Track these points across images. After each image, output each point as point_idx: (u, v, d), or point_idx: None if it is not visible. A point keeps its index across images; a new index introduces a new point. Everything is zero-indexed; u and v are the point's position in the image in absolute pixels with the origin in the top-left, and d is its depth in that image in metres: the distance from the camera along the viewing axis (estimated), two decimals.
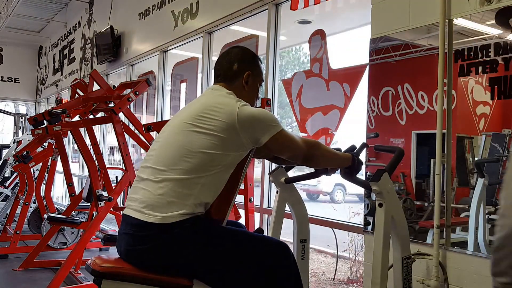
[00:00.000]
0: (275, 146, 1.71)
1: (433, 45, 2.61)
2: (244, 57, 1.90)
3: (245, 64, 1.87)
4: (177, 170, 1.58)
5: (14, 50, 11.86)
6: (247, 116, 1.65)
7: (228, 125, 1.62)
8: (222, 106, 1.67)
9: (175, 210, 1.55)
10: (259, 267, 1.63)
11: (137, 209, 1.60)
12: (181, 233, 1.54)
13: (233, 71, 1.85)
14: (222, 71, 1.88)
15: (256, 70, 1.91)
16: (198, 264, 1.57)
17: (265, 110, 1.78)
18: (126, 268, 1.59)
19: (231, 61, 1.87)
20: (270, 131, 1.68)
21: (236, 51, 1.92)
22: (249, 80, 1.87)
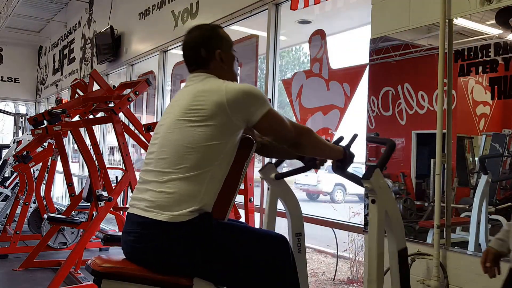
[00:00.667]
0: (265, 125, 1.65)
1: (433, 45, 2.61)
2: (206, 38, 1.80)
3: (211, 44, 1.78)
4: (181, 169, 1.57)
5: (14, 50, 11.86)
6: (235, 95, 1.61)
7: (218, 110, 1.59)
8: (207, 92, 1.63)
9: (185, 208, 1.54)
10: (260, 260, 1.64)
11: (144, 208, 1.58)
12: (189, 231, 1.54)
13: (203, 58, 1.78)
14: (192, 62, 1.80)
15: (223, 43, 1.83)
16: (203, 261, 1.57)
17: (252, 86, 1.71)
18: (126, 268, 1.59)
19: (196, 49, 1.78)
20: (261, 109, 1.63)
21: (194, 35, 1.81)
22: (223, 56, 1.80)
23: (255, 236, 1.69)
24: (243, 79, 4.66)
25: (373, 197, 1.74)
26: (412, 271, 2.53)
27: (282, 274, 1.65)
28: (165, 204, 1.55)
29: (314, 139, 1.77)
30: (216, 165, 1.60)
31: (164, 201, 1.55)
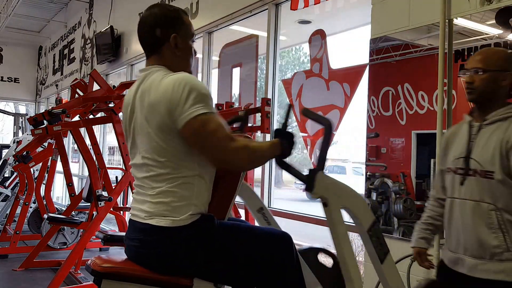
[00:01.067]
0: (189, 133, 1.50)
1: (433, 45, 2.61)
2: (165, 19, 1.65)
3: (167, 27, 1.64)
4: (166, 180, 1.56)
5: (14, 50, 11.86)
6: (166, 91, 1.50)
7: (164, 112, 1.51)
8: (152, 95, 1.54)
9: (185, 212, 1.54)
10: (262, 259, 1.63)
11: (144, 218, 1.58)
12: (192, 233, 1.54)
13: (157, 38, 1.64)
14: (145, 43, 1.68)
15: (182, 29, 1.67)
16: (205, 262, 1.57)
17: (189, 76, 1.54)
18: (126, 268, 1.59)
19: (151, 28, 1.65)
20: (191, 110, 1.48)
21: (154, 13, 1.67)
22: (178, 42, 1.65)
23: (257, 235, 1.69)
24: (243, 79, 4.67)
25: (324, 200, 1.64)
26: (412, 271, 2.53)
27: (285, 272, 1.65)
28: (165, 212, 1.55)
29: (247, 154, 1.55)
30: (194, 169, 1.56)
31: (163, 209, 1.55)
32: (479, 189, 1.72)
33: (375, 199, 2.89)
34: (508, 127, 1.70)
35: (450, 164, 1.86)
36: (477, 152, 1.75)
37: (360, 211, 1.73)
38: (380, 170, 2.89)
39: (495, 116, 1.75)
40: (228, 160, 1.53)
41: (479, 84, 1.75)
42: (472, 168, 1.75)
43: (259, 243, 1.66)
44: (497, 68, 1.75)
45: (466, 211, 1.76)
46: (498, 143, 1.69)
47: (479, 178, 1.72)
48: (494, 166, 1.69)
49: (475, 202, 1.73)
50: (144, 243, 1.57)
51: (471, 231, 1.74)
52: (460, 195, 1.79)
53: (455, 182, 1.82)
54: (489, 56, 1.78)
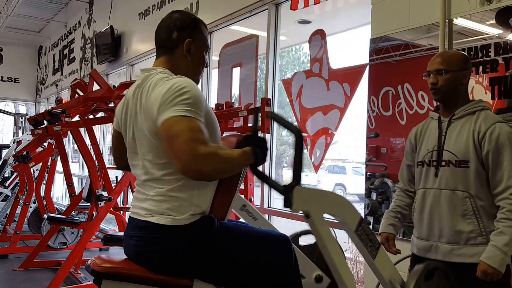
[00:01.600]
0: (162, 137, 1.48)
1: (433, 45, 2.61)
2: (184, 23, 1.69)
3: (186, 31, 1.68)
4: (167, 181, 1.56)
5: (14, 50, 11.86)
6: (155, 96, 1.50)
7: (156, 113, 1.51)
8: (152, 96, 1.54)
9: (186, 212, 1.54)
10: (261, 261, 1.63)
11: (145, 216, 1.58)
12: (192, 233, 1.54)
13: (172, 41, 1.67)
14: (161, 42, 1.71)
15: (198, 37, 1.71)
16: (204, 262, 1.57)
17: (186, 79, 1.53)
18: (126, 268, 1.59)
19: (170, 29, 1.68)
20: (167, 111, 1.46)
21: (175, 17, 1.71)
22: (191, 48, 1.68)
23: (256, 237, 1.69)
24: (243, 79, 4.67)
25: (305, 213, 1.58)
26: None
27: (283, 274, 1.65)
28: (166, 210, 1.55)
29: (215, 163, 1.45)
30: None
31: (165, 207, 1.55)
32: (454, 178, 1.87)
33: (375, 199, 2.89)
34: (477, 119, 1.86)
35: (421, 157, 2.00)
36: (451, 144, 1.90)
37: (345, 213, 1.71)
38: (380, 170, 2.89)
39: (464, 110, 1.91)
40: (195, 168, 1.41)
41: (442, 83, 1.92)
42: (446, 159, 1.89)
43: (258, 245, 1.66)
44: (457, 68, 1.92)
45: (441, 200, 1.90)
46: (471, 134, 1.85)
47: (453, 168, 1.87)
48: (469, 156, 1.84)
49: (450, 191, 1.87)
50: (144, 241, 1.57)
51: (446, 218, 1.88)
52: (434, 185, 1.93)
53: (429, 173, 1.96)
54: (449, 58, 1.96)
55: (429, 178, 1.95)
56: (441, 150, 1.91)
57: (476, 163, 1.82)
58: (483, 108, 1.91)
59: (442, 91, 1.93)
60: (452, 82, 1.92)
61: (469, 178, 1.84)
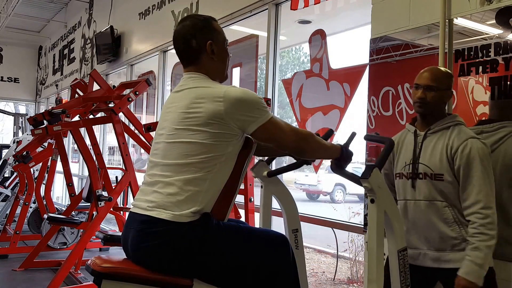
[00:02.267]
0: (263, 135, 1.64)
1: (433, 45, 2.61)
2: (197, 29, 1.73)
3: (202, 36, 1.73)
4: (184, 174, 1.58)
5: (14, 50, 11.86)
6: (233, 103, 1.59)
7: (215, 118, 1.58)
8: (204, 99, 1.61)
9: (187, 209, 1.55)
10: (260, 261, 1.64)
11: (147, 208, 1.60)
12: (190, 232, 1.55)
13: (194, 49, 1.73)
14: (183, 54, 1.76)
15: (215, 35, 1.76)
16: (203, 262, 1.57)
17: (251, 92, 1.67)
18: (126, 268, 1.59)
19: (187, 39, 1.73)
20: (258, 120, 1.61)
21: (187, 25, 1.75)
22: (214, 48, 1.75)
23: (255, 237, 1.70)
24: (243, 79, 4.67)
25: (372, 196, 1.74)
26: None
27: (282, 274, 1.66)
28: (168, 204, 1.56)
29: (314, 144, 1.73)
30: (216, 170, 1.61)
31: (167, 201, 1.57)
32: (430, 190, 1.94)
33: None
34: (451, 134, 1.94)
35: (399, 169, 2.07)
36: (426, 158, 1.97)
37: (399, 226, 1.82)
38: None
39: (438, 125, 1.98)
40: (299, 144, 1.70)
41: (430, 100, 1.97)
42: (422, 171, 1.96)
43: (257, 244, 1.66)
44: (445, 87, 2.00)
45: (421, 210, 1.97)
46: (444, 149, 1.92)
47: (429, 180, 1.94)
48: (443, 169, 1.90)
49: (428, 201, 1.94)
50: (142, 235, 1.58)
51: (431, 227, 1.94)
52: (414, 196, 2.00)
53: (406, 185, 2.03)
54: (440, 76, 2.01)
55: (408, 189, 2.02)
56: (417, 163, 1.98)
57: (451, 175, 1.90)
58: (458, 123, 1.98)
59: (428, 107, 1.98)
60: (439, 100, 1.98)
61: (445, 189, 1.91)
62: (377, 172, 1.74)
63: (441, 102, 2.00)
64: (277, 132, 1.65)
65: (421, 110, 2.01)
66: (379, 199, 1.73)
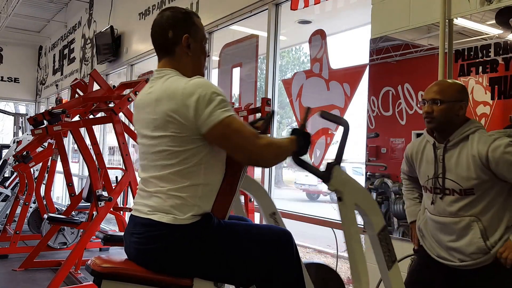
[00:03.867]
0: (215, 136, 1.53)
1: (433, 45, 2.61)
2: (177, 20, 1.68)
3: (181, 28, 1.67)
4: (173, 182, 1.57)
5: (14, 50, 11.86)
6: (188, 98, 1.50)
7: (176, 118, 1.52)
8: (167, 99, 1.55)
9: (187, 212, 1.55)
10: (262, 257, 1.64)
11: (148, 212, 1.59)
12: (192, 232, 1.55)
13: (170, 40, 1.67)
14: (158, 45, 1.71)
15: (193, 29, 1.70)
16: (205, 261, 1.57)
17: (207, 82, 1.57)
18: (126, 269, 1.59)
19: (164, 29, 1.68)
20: (213, 116, 1.50)
21: (167, 15, 1.70)
22: (190, 43, 1.68)
23: (257, 234, 1.69)
24: (243, 79, 4.67)
25: (339, 195, 1.70)
26: None
27: (285, 269, 1.65)
28: (168, 208, 1.56)
29: (273, 150, 1.61)
30: (204, 173, 1.57)
31: (167, 205, 1.56)
32: (458, 205, 1.89)
33: (375, 199, 2.89)
34: (472, 144, 1.87)
35: (423, 182, 2.04)
36: (452, 173, 1.91)
37: (372, 212, 1.77)
38: (380, 170, 2.89)
39: (457, 136, 1.92)
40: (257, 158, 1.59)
41: (437, 114, 1.93)
42: (450, 187, 1.91)
43: (259, 241, 1.66)
44: (453, 99, 1.92)
45: (446, 226, 1.93)
46: (471, 160, 1.85)
47: (458, 196, 1.89)
48: (472, 183, 1.85)
49: (456, 218, 1.90)
50: (144, 238, 1.58)
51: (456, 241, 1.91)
52: (440, 212, 1.96)
53: (430, 199, 1.99)
54: (446, 88, 1.96)
55: (432, 204, 1.99)
56: (443, 179, 1.93)
57: (483, 188, 1.84)
58: (476, 129, 1.91)
59: (437, 121, 1.94)
60: (447, 113, 1.92)
61: (475, 204, 1.86)
62: (337, 170, 1.68)
63: (451, 114, 1.92)
64: (234, 135, 1.54)
65: (430, 125, 1.97)
66: (347, 195, 1.70)
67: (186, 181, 1.56)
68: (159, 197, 1.58)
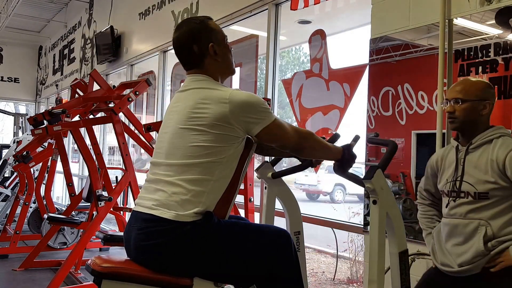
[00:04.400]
0: (267, 136, 1.67)
1: (433, 45, 2.61)
2: (196, 33, 1.73)
3: (202, 40, 1.72)
4: (188, 174, 1.59)
5: (14, 50, 11.86)
6: (237, 105, 1.61)
7: (220, 120, 1.60)
8: (209, 100, 1.62)
9: (190, 209, 1.56)
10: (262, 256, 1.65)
11: (151, 206, 1.60)
12: (193, 231, 1.56)
13: (197, 55, 1.73)
14: (187, 61, 1.77)
15: (214, 35, 1.75)
16: (205, 261, 1.58)
17: (256, 95, 1.71)
18: (126, 268, 1.59)
19: (188, 46, 1.73)
20: (262, 122, 1.63)
21: (185, 32, 1.74)
22: (216, 49, 1.74)
23: (256, 233, 1.71)
24: (243, 79, 4.67)
25: (374, 198, 1.74)
26: (412, 271, 2.53)
27: (283, 268, 1.66)
28: (172, 203, 1.57)
29: (315, 143, 1.75)
30: (219, 171, 1.62)
31: (172, 199, 1.57)
32: (470, 209, 1.84)
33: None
34: (494, 148, 1.82)
35: (442, 187, 1.99)
36: (469, 175, 1.86)
37: (399, 230, 1.81)
38: None
39: (479, 139, 1.86)
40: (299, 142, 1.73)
41: (460, 113, 1.87)
42: (465, 190, 1.87)
43: (258, 240, 1.67)
44: (476, 98, 1.87)
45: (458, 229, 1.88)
46: (489, 166, 1.81)
47: (471, 199, 1.85)
48: (488, 188, 1.80)
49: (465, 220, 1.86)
50: (145, 233, 1.58)
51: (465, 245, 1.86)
52: (452, 215, 1.91)
53: (446, 203, 1.94)
54: (468, 87, 1.90)
55: (447, 207, 1.94)
56: (460, 181, 1.88)
57: (498, 194, 1.79)
58: (501, 135, 1.85)
59: (459, 121, 1.88)
60: (470, 112, 1.86)
61: (487, 208, 1.81)
62: (380, 174, 1.73)
63: (474, 115, 1.87)
64: (280, 133, 1.68)
65: (453, 126, 1.92)
66: (381, 200, 1.73)
67: (200, 174, 1.59)
68: (165, 191, 1.59)
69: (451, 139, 2.03)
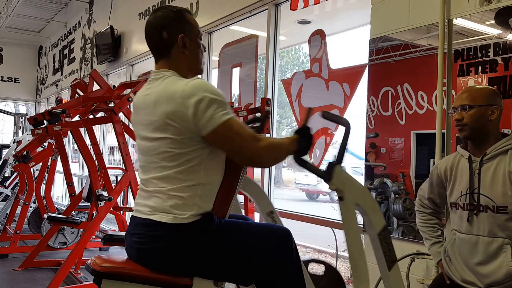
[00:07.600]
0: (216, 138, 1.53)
1: (432, 45, 2.62)
2: (169, 20, 1.65)
3: (173, 28, 1.65)
4: (173, 182, 1.57)
5: (14, 50, 11.86)
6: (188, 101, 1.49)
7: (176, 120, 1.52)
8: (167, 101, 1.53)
9: (188, 211, 1.55)
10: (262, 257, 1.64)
11: (148, 213, 1.60)
12: (193, 231, 1.56)
13: (165, 42, 1.65)
14: (154, 47, 1.68)
15: (188, 28, 1.67)
16: (206, 260, 1.58)
17: (206, 84, 1.55)
18: (126, 268, 1.59)
19: (158, 31, 1.65)
20: (211, 122, 1.50)
21: (159, 16, 1.67)
22: (186, 41, 1.66)
23: (256, 232, 1.70)
24: (242, 79, 4.67)
25: (340, 194, 1.70)
26: (412, 271, 2.54)
27: (284, 267, 1.66)
28: (168, 208, 1.56)
29: (272, 152, 1.61)
30: (203, 172, 1.58)
31: (167, 205, 1.56)
32: (492, 224, 1.78)
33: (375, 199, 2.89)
34: (510, 159, 1.77)
35: (455, 199, 1.91)
36: (486, 188, 1.80)
37: (373, 211, 1.76)
38: (379, 170, 2.89)
39: (494, 149, 1.81)
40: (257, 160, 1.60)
41: (468, 120, 1.84)
42: (483, 204, 1.80)
43: (259, 239, 1.67)
44: (483, 103, 1.83)
45: (478, 247, 1.81)
46: (507, 177, 1.75)
47: (491, 213, 1.78)
48: (507, 201, 1.75)
49: (488, 237, 1.79)
50: (145, 238, 1.58)
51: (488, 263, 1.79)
52: (470, 231, 1.84)
53: (463, 217, 1.86)
54: (474, 93, 1.87)
55: (464, 222, 1.87)
56: (477, 194, 1.82)
57: None
58: None
59: (468, 127, 1.84)
60: (478, 118, 1.82)
61: (508, 223, 1.76)
62: (339, 169, 1.68)
63: (483, 119, 1.82)
64: (234, 137, 1.54)
65: (463, 134, 1.87)
66: (348, 194, 1.70)
67: (186, 181, 1.56)
68: (159, 197, 1.58)
69: (459, 147, 1.97)
